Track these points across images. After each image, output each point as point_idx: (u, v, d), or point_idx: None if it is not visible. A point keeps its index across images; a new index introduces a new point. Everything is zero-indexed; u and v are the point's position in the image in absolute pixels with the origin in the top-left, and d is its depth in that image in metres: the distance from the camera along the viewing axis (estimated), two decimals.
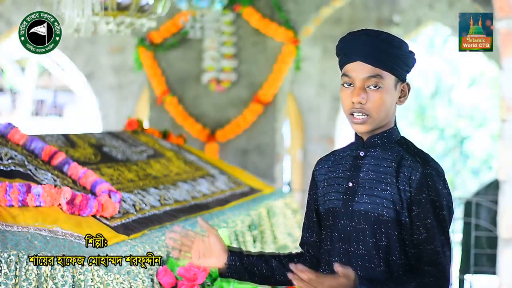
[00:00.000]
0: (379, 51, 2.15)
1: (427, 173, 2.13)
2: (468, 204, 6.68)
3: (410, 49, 2.21)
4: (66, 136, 3.90)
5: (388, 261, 2.14)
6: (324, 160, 2.35)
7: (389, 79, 2.16)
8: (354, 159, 2.24)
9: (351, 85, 2.17)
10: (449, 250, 2.13)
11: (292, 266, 2.06)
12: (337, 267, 2.04)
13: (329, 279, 2.04)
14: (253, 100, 7.21)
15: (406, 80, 2.23)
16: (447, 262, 2.12)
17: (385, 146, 2.21)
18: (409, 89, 2.23)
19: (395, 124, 2.24)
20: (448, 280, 2.11)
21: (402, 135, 2.27)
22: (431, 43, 16.48)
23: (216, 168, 4.71)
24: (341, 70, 2.22)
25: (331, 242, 2.24)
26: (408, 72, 2.22)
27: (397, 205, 2.13)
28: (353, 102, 2.16)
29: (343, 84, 2.19)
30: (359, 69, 2.16)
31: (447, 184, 2.16)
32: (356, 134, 2.26)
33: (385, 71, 2.16)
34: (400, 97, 2.22)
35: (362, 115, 2.16)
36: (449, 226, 2.15)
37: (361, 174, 2.20)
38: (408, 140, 2.25)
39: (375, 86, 2.15)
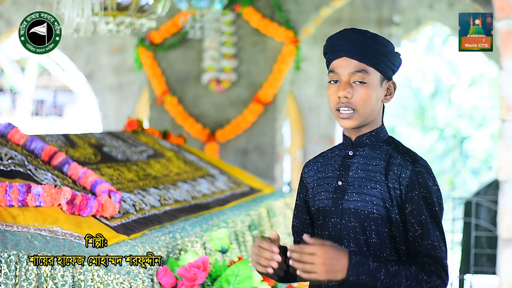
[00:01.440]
0: (365, 47, 2.20)
1: (417, 171, 2.17)
2: (468, 204, 6.67)
3: (396, 50, 2.26)
4: (66, 136, 3.90)
5: (378, 258, 2.16)
6: (312, 162, 2.38)
7: (374, 75, 2.21)
8: (343, 159, 2.27)
9: (338, 82, 2.22)
10: (445, 245, 2.17)
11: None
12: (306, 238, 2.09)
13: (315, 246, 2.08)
14: (253, 100, 7.21)
15: (392, 79, 2.26)
16: (444, 256, 2.15)
17: (374, 145, 2.25)
18: (395, 88, 2.27)
19: (382, 124, 2.28)
20: (447, 273, 2.14)
21: (393, 135, 2.30)
22: (431, 43, 16.49)
23: (216, 168, 4.71)
24: (328, 68, 2.26)
25: None
26: (394, 72, 2.27)
27: (386, 203, 2.17)
28: (339, 97, 2.20)
29: (329, 81, 2.24)
30: (345, 65, 2.20)
31: (436, 181, 2.20)
32: (344, 135, 2.29)
33: (370, 66, 2.20)
34: (386, 95, 2.26)
35: (349, 109, 2.20)
36: (441, 222, 2.19)
37: (350, 173, 2.23)
38: (396, 139, 2.30)
39: (361, 81, 2.19)
